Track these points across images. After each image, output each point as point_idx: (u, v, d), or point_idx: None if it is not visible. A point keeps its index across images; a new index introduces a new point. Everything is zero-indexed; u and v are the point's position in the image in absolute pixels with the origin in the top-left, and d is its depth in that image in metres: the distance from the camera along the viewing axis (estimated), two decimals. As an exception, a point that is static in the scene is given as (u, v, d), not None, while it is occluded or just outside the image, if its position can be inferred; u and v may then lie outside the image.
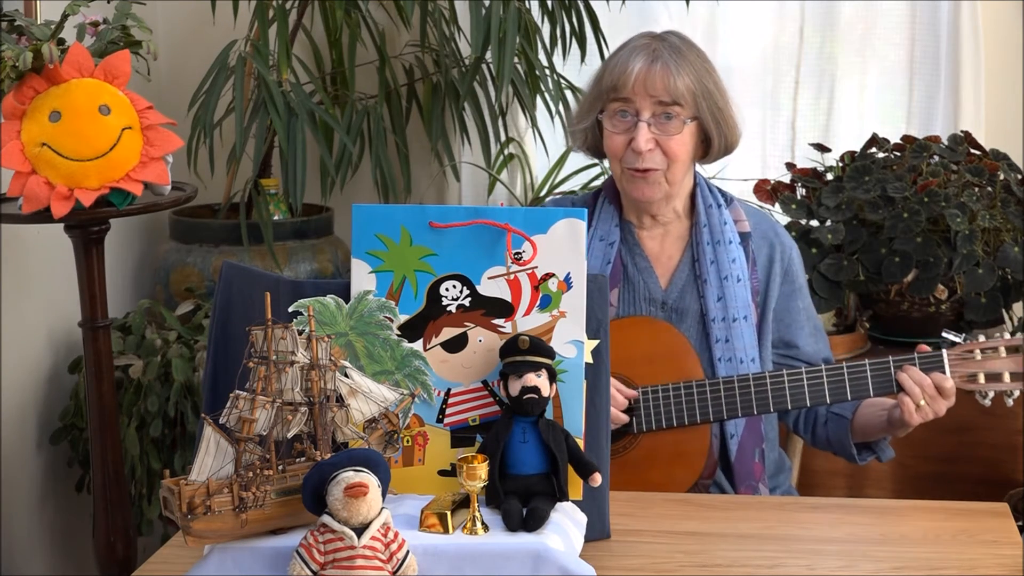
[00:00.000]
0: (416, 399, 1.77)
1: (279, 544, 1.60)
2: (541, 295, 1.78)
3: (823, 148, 3.30)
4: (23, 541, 2.92)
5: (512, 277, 1.78)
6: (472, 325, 1.79)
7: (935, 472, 3.01)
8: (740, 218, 2.35)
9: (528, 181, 3.59)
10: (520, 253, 1.78)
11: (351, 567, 1.53)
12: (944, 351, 2.17)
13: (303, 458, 1.64)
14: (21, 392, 2.91)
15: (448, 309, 1.78)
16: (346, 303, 1.78)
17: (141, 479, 2.90)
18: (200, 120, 3.01)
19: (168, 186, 2.43)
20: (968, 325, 3.05)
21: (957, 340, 2.20)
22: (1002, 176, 3.03)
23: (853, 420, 2.31)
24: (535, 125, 3.33)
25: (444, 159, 3.45)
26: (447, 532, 1.63)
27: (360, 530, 1.53)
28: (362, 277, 1.79)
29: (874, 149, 3.19)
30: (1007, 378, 2.16)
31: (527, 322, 1.78)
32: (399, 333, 1.78)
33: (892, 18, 3.51)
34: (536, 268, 1.78)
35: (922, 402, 2.15)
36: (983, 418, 2.96)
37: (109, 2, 2.47)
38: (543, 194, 3.54)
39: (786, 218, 3.11)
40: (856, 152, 3.18)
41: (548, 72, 3.27)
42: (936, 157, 3.11)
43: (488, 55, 3.16)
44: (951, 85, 3.44)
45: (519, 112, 3.46)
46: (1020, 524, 2.14)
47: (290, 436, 1.63)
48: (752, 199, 3.16)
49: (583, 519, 1.74)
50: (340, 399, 1.66)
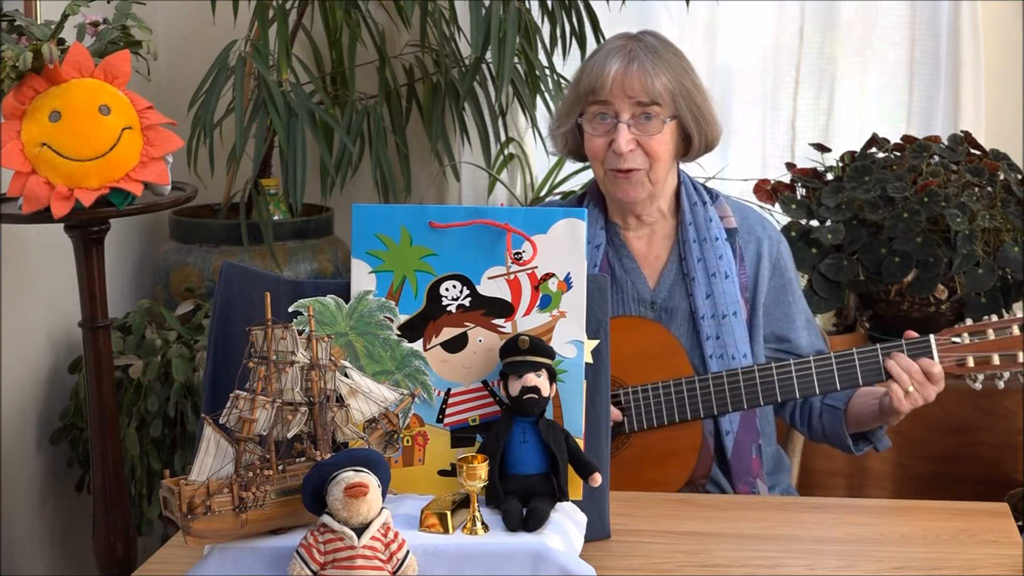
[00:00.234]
0: (416, 399, 1.77)
1: (279, 544, 1.60)
2: (541, 295, 1.78)
3: (823, 148, 3.30)
4: (23, 541, 2.92)
5: (512, 277, 1.78)
6: (472, 325, 1.78)
7: (935, 472, 3.01)
8: (726, 214, 2.35)
9: (528, 181, 3.59)
10: (520, 253, 1.78)
11: (351, 567, 1.52)
12: (931, 336, 2.17)
13: (303, 458, 1.64)
14: (21, 392, 2.91)
15: (448, 309, 1.78)
16: (346, 303, 1.78)
17: (141, 479, 2.90)
18: (200, 120, 3.01)
19: (168, 186, 2.43)
20: (967, 325, 3.04)
21: (956, 341, 2.19)
22: (1002, 176, 3.03)
23: (847, 410, 2.31)
24: (535, 125, 3.33)
25: (444, 159, 3.45)
26: (447, 532, 1.63)
27: (360, 530, 1.53)
28: (362, 277, 1.79)
29: (874, 149, 3.19)
30: (996, 360, 2.15)
31: (527, 322, 1.78)
32: (399, 333, 1.78)
33: (892, 18, 3.51)
34: (536, 268, 1.78)
35: (911, 388, 2.15)
36: (983, 418, 2.96)
37: (109, 2, 2.47)
38: (543, 194, 3.53)
39: (786, 218, 3.11)
40: (856, 152, 3.18)
41: (548, 72, 3.27)
42: (936, 157, 3.10)
43: (488, 55, 3.16)
44: (951, 85, 3.44)
45: (519, 112, 3.46)
46: (1020, 524, 2.14)
47: (290, 436, 1.63)
48: (752, 199, 3.15)
49: (583, 519, 1.74)
50: (340, 399, 1.66)
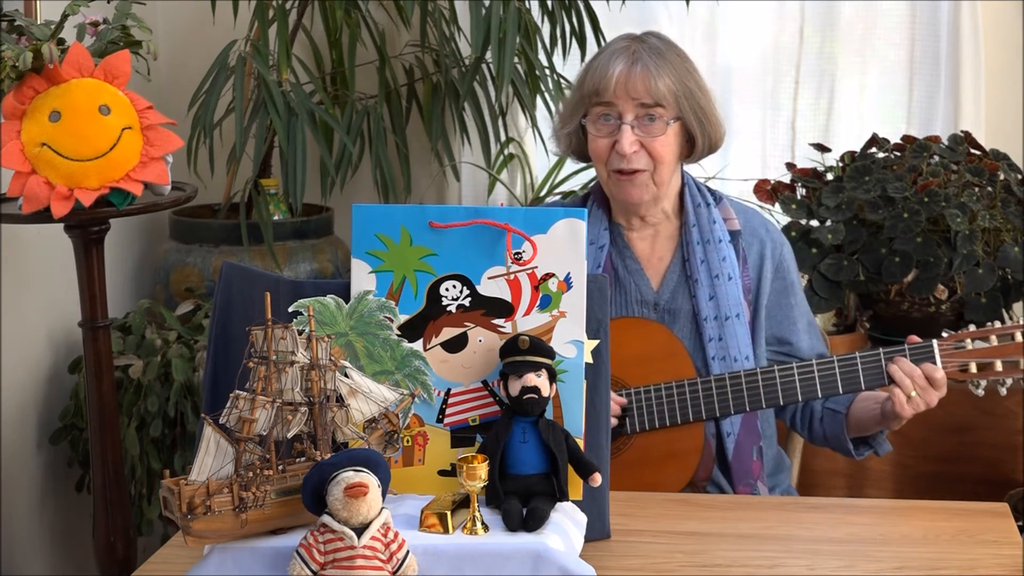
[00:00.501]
0: (416, 399, 1.77)
1: (279, 544, 1.60)
2: (541, 295, 1.78)
3: (823, 148, 3.30)
4: (23, 541, 2.92)
5: (512, 277, 1.78)
6: (472, 325, 1.78)
7: (935, 472, 3.01)
8: (729, 216, 2.35)
9: (528, 181, 3.59)
10: (520, 253, 1.78)
11: (351, 567, 1.52)
12: (934, 341, 2.17)
13: (303, 458, 1.64)
14: (21, 392, 2.91)
15: (448, 309, 1.78)
16: (346, 303, 1.78)
17: (141, 479, 2.90)
18: (200, 120, 3.01)
19: (168, 186, 2.43)
20: (968, 325, 3.04)
21: (960, 347, 2.19)
22: (1002, 176, 3.03)
23: (848, 415, 2.31)
24: (535, 125, 3.33)
25: (444, 159, 3.45)
26: (447, 532, 1.63)
27: (360, 530, 1.53)
28: (362, 277, 1.79)
29: (874, 149, 3.19)
30: (999, 367, 2.15)
31: (527, 322, 1.78)
32: (399, 333, 1.78)
33: (892, 18, 3.51)
34: (536, 268, 1.78)
35: (913, 393, 2.14)
36: (983, 418, 2.96)
37: (109, 2, 2.47)
38: (543, 194, 3.53)
39: (786, 218, 3.11)
40: (856, 152, 3.18)
41: (548, 72, 3.27)
42: (936, 157, 3.10)
43: (488, 55, 3.16)
44: (951, 85, 3.44)
45: (519, 112, 3.46)
46: (1020, 524, 2.14)
47: (290, 436, 1.63)
48: (752, 199, 3.15)
49: (583, 519, 1.74)
50: (340, 399, 1.66)
